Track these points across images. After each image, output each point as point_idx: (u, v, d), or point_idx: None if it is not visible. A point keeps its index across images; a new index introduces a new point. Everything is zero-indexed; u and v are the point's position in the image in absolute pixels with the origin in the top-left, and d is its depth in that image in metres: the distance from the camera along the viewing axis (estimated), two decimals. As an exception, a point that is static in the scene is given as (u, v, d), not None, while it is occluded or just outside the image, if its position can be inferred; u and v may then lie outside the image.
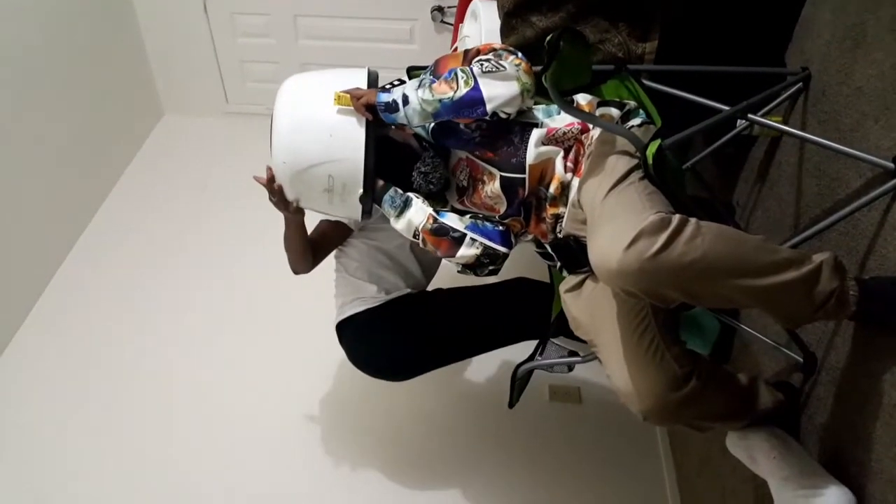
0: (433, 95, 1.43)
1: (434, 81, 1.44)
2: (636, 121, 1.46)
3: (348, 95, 1.50)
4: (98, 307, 2.85)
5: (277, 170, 1.57)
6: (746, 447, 1.42)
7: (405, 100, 1.45)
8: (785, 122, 1.70)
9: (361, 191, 1.55)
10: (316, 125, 1.52)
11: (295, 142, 1.53)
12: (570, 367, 1.77)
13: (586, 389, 2.53)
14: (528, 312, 1.98)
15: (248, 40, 3.62)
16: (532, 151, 1.46)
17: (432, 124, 1.58)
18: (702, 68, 1.60)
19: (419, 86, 1.45)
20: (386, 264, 2.04)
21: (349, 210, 1.63)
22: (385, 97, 1.47)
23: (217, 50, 3.66)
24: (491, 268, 1.61)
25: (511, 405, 1.90)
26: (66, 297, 2.90)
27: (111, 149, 3.45)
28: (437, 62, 1.56)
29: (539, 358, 1.79)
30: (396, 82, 1.55)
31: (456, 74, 1.43)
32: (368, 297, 1.99)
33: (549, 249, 1.58)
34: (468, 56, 1.51)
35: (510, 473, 2.35)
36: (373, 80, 1.59)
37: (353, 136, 1.50)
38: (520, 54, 1.47)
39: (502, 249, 1.58)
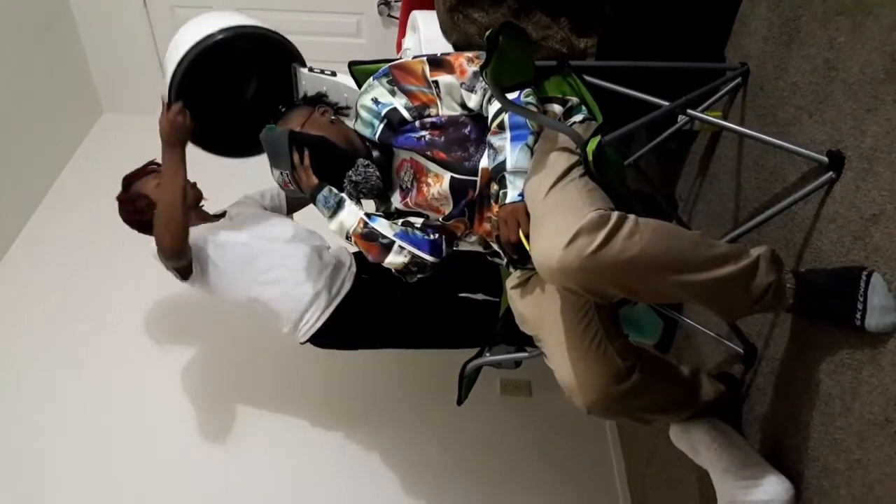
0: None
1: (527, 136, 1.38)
2: (578, 117, 1.46)
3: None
4: (32, 314, 2.74)
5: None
6: (689, 439, 1.44)
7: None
8: (725, 117, 1.72)
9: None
10: (177, 43, 1.76)
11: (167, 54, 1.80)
12: (518, 363, 1.77)
13: (537, 383, 2.56)
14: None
15: (190, 35, 3.52)
16: (488, 158, 1.45)
17: (381, 126, 1.56)
18: (643, 64, 1.61)
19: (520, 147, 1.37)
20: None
21: None
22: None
23: (158, 45, 3.54)
24: (420, 275, 1.61)
25: (459, 402, 1.89)
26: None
27: (46, 150, 3.32)
28: (393, 72, 1.54)
29: (487, 354, 1.78)
30: (328, 73, 1.49)
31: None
32: (305, 315, 2.01)
33: (496, 247, 1.57)
34: (445, 66, 1.49)
35: (462, 467, 2.36)
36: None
37: (178, 53, 1.69)
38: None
39: (430, 259, 1.58)
